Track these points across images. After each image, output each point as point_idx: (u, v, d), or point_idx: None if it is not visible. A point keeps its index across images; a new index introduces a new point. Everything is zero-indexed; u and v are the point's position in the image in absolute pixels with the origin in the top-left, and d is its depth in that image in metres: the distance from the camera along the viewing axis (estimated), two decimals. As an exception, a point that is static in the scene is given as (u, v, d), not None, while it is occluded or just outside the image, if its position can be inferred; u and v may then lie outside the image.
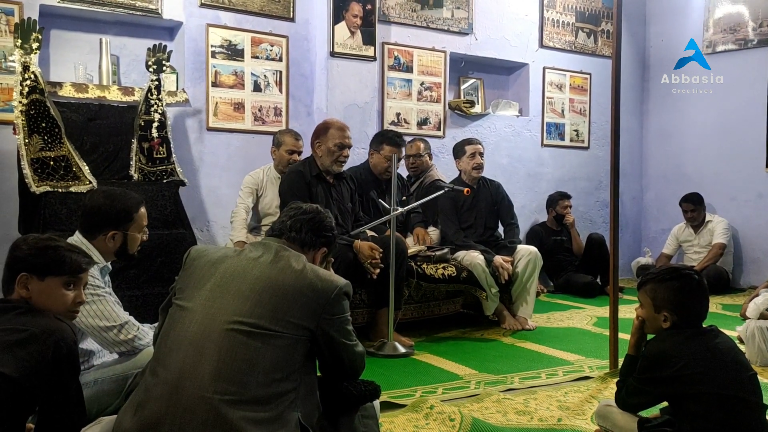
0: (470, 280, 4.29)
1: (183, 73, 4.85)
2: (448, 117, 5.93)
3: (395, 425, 2.58)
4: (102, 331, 2.30)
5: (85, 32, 4.68)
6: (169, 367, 1.68)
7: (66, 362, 1.67)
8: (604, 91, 6.51)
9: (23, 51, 3.77)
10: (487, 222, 4.73)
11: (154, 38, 4.65)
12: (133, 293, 3.63)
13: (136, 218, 2.49)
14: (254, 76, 5.08)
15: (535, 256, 4.51)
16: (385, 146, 4.41)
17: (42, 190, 3.69)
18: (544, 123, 6.50)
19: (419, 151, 4.95)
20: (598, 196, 6.86)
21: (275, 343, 1.69)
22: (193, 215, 4.41)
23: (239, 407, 1.60)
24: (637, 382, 2.10)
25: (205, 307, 1.74)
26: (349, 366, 1.91)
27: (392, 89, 5.60)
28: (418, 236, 4.56)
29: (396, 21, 5.60)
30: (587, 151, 6.81)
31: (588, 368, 3.47)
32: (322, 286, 1.79)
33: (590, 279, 5.84)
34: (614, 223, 3.40)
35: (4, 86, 4.18)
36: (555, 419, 2.66)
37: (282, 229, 1.99)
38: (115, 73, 4.66)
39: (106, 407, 2.25)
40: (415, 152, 4.95)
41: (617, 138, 3.40)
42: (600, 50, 6.77)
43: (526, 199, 6.32)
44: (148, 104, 4.22)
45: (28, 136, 3.74)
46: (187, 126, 4.84)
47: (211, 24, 4.90)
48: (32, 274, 1.81)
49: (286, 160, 4.43)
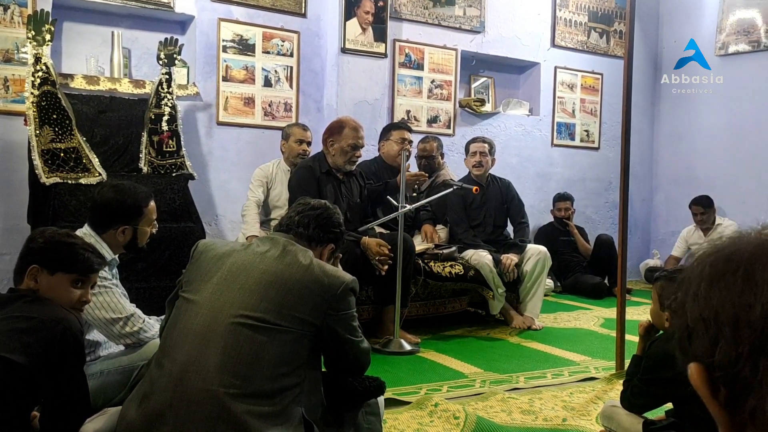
0: (477, 279, 4.29)
1: (194, 67, 4.86)
2: (459, 115, 5.92)
3: (399, 422, 2.58)
4: (108, 323, 2.31)
5: (97, 25, 4.69)
6: (174, 360, 1.69)
7: (72, 351, 1.68)
8: (615, 92, 6.48)
9: (35, 43, 3.78)
10: (496, 220, 4.73)
11: (166, 32, 4.66)
12: (140, 285, 3.64)
13: (146, 213, 2.49)
14: (265, 71, 5.08)
15: (544, 256, 4.50)
16: (393, 132, 4.54)
17: (52, 181, 3.71)
18: (555, 123, 6.48)
19: (432, 152, 4.93)
20: (607, 197, 6.84)
21: (280, 338, 1.69)
22: (202, 209, 4.41)
23: (244, 401, 1.61)
24: (641, 382, 2.10)
25: (212, 301, 1.75)
26: (354, 362, 1.91)
27: (403, 86, 5.59)
28: (426, 234, 4.56)
29: (407, 18, 5.59)
30: (597, 152, 6.78)
31: (594, 369, 3.46)
32: (329, 281, 1.79)
33: (598, 280, 5.81)
34: (623, 224, 3.38)
35: (16, 77, 4.20)
36: (560, 419, 2.66)
37: (290, 225, 1.99)
38: (126, 66, 4.67)
39: (111, 398, 2.26)
40: (428, 153, 4.93)
41: (628, 139, 3.38)
42: (612, 50, 6.74)
43: (535, 199, 6.30)
44: (159, 97, 4.23)
45: (39, 128, 3.76)
46: (197, 120, 4.85)
47: (222, 18, 4.90)
48: (43, 267, 1.82)
49: (295, 151, 4.43)
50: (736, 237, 0.67)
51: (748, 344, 0.59)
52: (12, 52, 4.20)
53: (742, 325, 0.60)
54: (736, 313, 0.60)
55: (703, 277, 0.65)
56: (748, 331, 0.59)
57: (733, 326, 0.60)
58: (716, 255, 0.66)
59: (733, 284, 0.62)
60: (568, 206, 6.15)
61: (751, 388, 0.59)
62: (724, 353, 0.60)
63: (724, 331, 0.61)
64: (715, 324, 0.62)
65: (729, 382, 0.60)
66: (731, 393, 0.61)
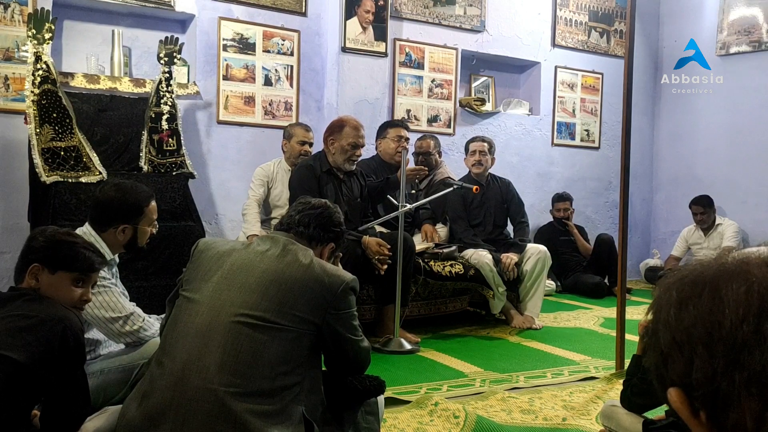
0: (477, 278, 4.29)
1: (194, 66, 4.86)
2: (459, 114, 5.92)
3: (400, 421, 2.58)
4: (107, 322, 2.31)
5: (98, 23, 4.69)
6: (174, 359, 1.69)
7: (72, 350, 1.68)
8: (615, 92, 6.48)
9: (36, 41, 3.78)
10: (496, 220, 4.73)
11: (166, 30, 4.66)
12: (140, 284, 3.65)
13: (146, 212, 2.49)
14: (265, 70, 5.08)
15: (545, 255, 4.50)
16: (389, 130, 4.54)
17: (52, 179, 3.71)
18: (555, 122, 6.47)
19: (429, 149, 4.94)
20: (607, 196, 6.83)
21: (281, 337, 1.69)
22: (202, 208, 4.42)
23: (244, 399, 1.61)
24: (641, 382, 2.10)
25: (212, 300, 1.75)
26: (354, 361, 1.91)
27: (403, 86, 5.59)
28: (426, 233, 4.56)
29: (408, 17, 5.59)
30: (597, 152, 6.78)
31: (594, 369, 3.47)
32: (329, 280, 1.79)
33: (598, 280, 5.82)
34: (623, 224, 3.38)
35: (16, 76, 4.20)
36: (560, 419, 2.66)
37: (290, 224, 1.99)
38: (126, 65, 4.67)
39: (111, 397, 2.26)
40: (425, 150, 4.94)
41: (628, 139, 3.38)
42: (612, 50, 6.73)
43: (535, 199, 6.30)
44: (159, 96, 4.23)
45: (40, 126, 3.76)
46: (197, 119, 4.85)
47: (223, 17, 4.90)
48: (44, 266, 1.82)
49: (297, 152, 4.43)
50: (697, 264, 0.70)
51: (723, 358, 0.61)
52: (12, 51, 4.20)
53: (714, 341, 0.62)
54: (708, 330, 0.63)
55: (671, 303, 0.68)
56: (721, 346, 0.61)
57: (706, 344, 0.62)
58: (681, 281, 0.69)
59: (701, 305, 0.64)
60: (567, 207, 6.14)
61: (730, 403, 0.60)
62: (701, 371, 0.62)
63: (698, 349, 0.63)
64: (688, 345, 0.64)
65: (708, 400, 0.62)
66: (712, 411, 0.62)
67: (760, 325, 0.60)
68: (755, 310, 0.61)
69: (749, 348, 0.60)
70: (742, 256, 0.66)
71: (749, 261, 0.65)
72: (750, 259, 0.65)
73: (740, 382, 0.60)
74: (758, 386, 0.59)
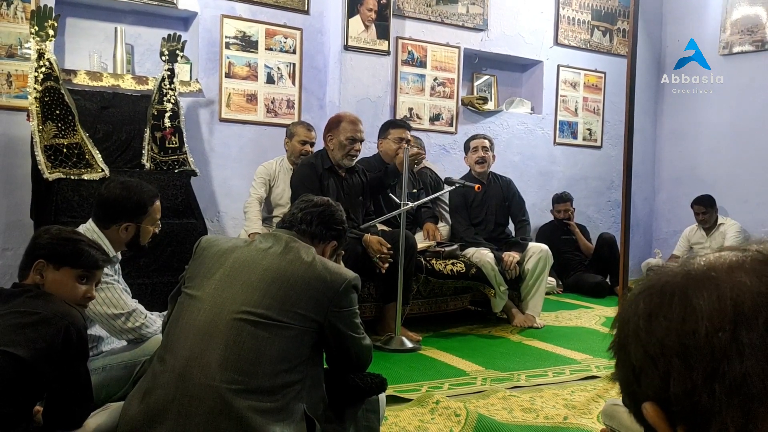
0: (479, 277, 4.28)
1: (197, 64, 4.86)
2: (461, 113, 5.91)
3: (401, 419, 2.58)
4: (110, 318, 2.32)
5: (101, 21, 4.69)
6: (176, 355, 1.69)
7: (75, 346, 1.69)
8: (618, 91, 6.48)
9: (39, 38, 3.78)
10: (498, 218, 4.72)
11: (169, 28, 4.66)
12: (142, 282, 3.65)
13: (150, 211, 2.50)
14: (267, 68, 5.08)
15: (546, 254, 4.50)
16: (391, 130, 4.45)
17: (55, 176, 3.71)
18: (557, 121, 6.47)
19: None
20: (609, 196, 6.83)
21: (282, 334, 1.69)
22: (204, 206, 4.42)
23: (245, 396, 1.61)
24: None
25: (214, 297, 1.75)
26: (356, 359, 1.91)
27: (405, 84, 5.59)
28: (428, 231, 4.56)
29: (410, 16, 5.58)
30: (600, 151, 6.78)
31: (595, 368, 3.47)
32: (331, 278, 1.79)
33: (600, 279, 5.81)
34: (625, 223, 3.38)
35: (19, 73, 4.20)
36: (561, 417, 2.66)
37: (292, 222, 1.99)
38: (129, 62, 4.67)
39: (114, 393, 2.27)
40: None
41: (631, 138, 3.37)
42: (615, 49, 6.72)
43: (537, 198, 6.29)
44: (162, 94, 4.23)
45: (42, 123, 3.76)
46: (199, 116, 4.85)
47: (225, 15, 4.90)
48: (49, 262, 1.83)
49: (298, 151, 4.43)
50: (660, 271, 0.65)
51: (701, 371, 0.57)
52: (15, 48, 4.21)
53: (690, 352, 0.58)
54: (682, 341, 0.59)
55: (639, 314, 0.63)
56: (698, 358, 0.58)
57: (682, 355, 0.59)
58: (647, 290, 0.64)
59: (672, 314, 0.60)
60: (567, 207, 6.13)
61: (711, 416, 0.57)
62: (679, 385, 0.59)
63: (674, 362, 0.59)
64: (663, 357, 0.60)
65: (688, 414, 0.59)
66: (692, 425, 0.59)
67: (736, 332, 0.57)
68: (730, 317, 0.57)
69: (728, 357, 0.56)
70: (707, 261, 0.63)
71: (715, 267, 0.62)
72: (716, 265, 0.62)
73: (721, 393, 0.56)
74: (740, 397, 0.56)
